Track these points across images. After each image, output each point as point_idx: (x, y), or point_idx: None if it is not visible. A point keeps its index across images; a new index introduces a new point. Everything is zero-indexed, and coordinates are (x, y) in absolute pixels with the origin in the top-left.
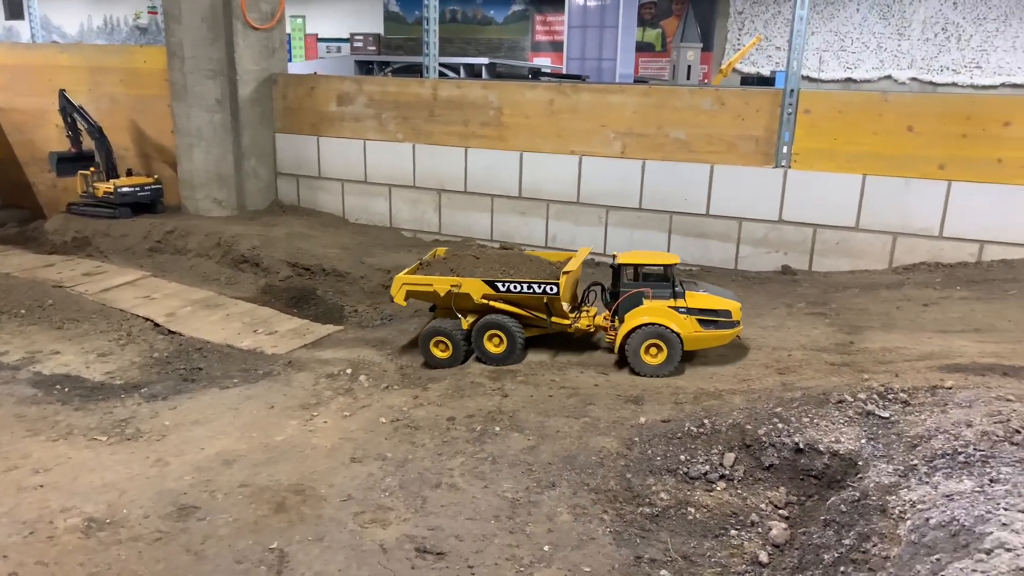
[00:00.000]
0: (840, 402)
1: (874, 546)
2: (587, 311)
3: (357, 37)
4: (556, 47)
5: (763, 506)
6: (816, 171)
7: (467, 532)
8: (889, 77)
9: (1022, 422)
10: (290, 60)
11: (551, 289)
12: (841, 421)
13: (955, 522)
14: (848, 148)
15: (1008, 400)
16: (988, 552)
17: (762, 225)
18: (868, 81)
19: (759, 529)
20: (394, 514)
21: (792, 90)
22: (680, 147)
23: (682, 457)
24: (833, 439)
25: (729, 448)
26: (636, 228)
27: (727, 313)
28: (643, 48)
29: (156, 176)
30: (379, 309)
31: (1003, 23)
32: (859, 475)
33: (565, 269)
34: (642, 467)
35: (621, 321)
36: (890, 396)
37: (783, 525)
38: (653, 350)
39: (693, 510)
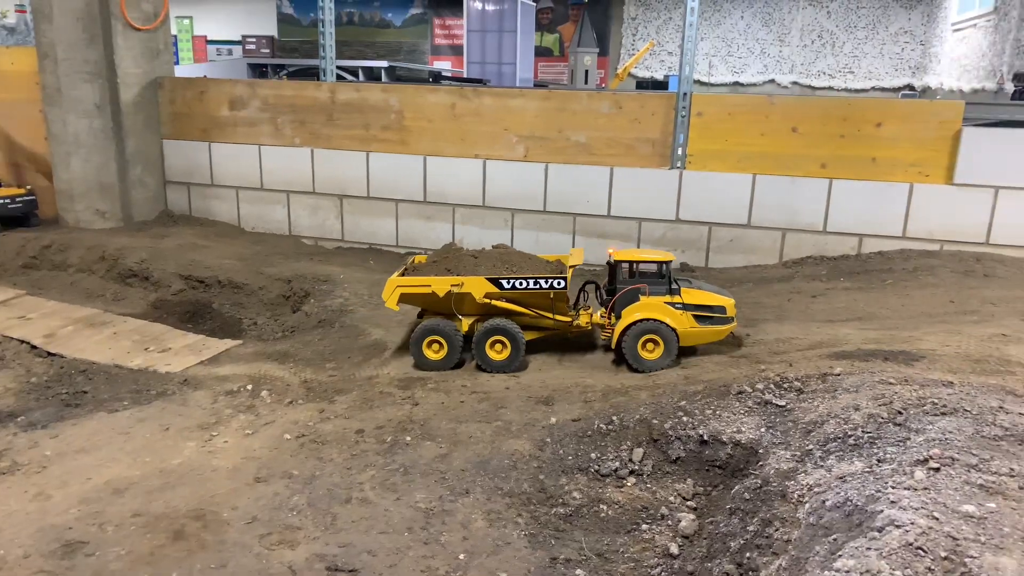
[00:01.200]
0: (740, 393)
1: (776, 530)
2: (586, 309)
3: (249, 39)
4: (456, 51)
5: (672, 499)
6: (709, 171)
7: (380, 547)
8: (773, 81)
9: (903, 404)
10: (177, 63)
11: (558, 284)
12: (741, 411)
13: (849, 503)
14: (738, 149)
15: (890, 383)
16: (880, 530)
17: (660, 225)
18: (754, 85)
19: (669, 522)
20: (303, 533)
21: (685, 94)
22: (581, 150)
23: (593, 455)
24: (735, 429)
25: (637, 443)
26: (541, 230)
27: (722, 309)
28: (541, 53)
29: (29, 187)
30: (280, 321)
31: (871, 31)
32: (760, 463)
33: (570, 263)
34: (554, 468)
35: (618, 318)
36: (785, 385)
37: (691, 516)
38: (650, 345)
39: (605, 507)
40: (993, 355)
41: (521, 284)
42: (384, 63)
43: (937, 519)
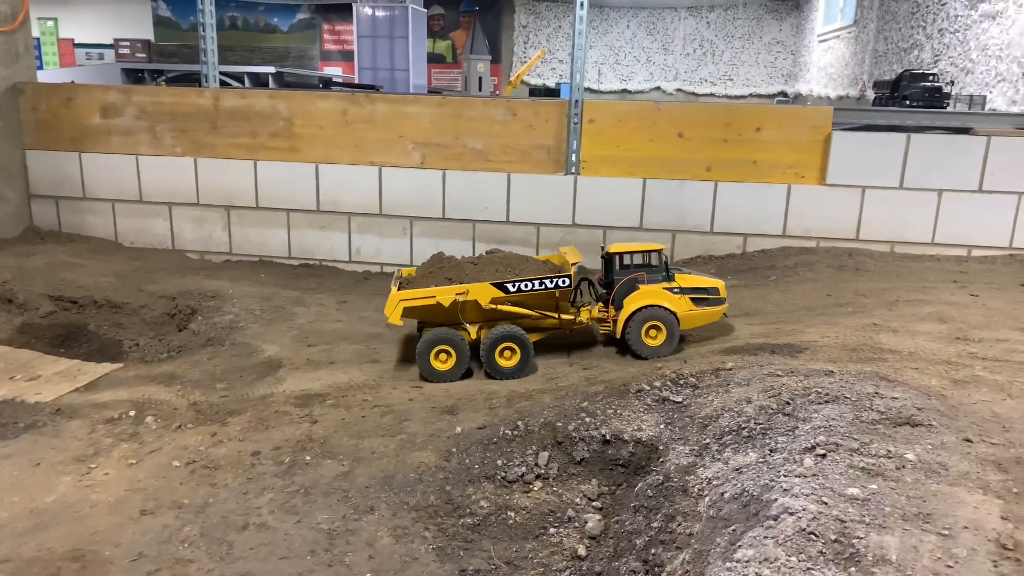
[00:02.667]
0: (639, 391)
1: (679, 525)
2: (584, 305)
3: (123, 43)
4: (347, 57)
5: (578, 500)
6: (603, 177)
7: (281, 573)
8: (659, 88)
9: (791, 394)
10: (40, 67)
11: (564, 282)
12: (641, 409)
13: (745, 493)
14: (629, 154)
15: (777, 375)
16: (775, 518)
17: (558, 229)
18: (641, 92)
19: (576, 524)
20: (196, 566)
21: (577, 101)
22: (478, 156)
23: (499, 462)
24: (635, 427)
25: (543, 447)
26: (441, 237)
27: (715, 291)
28: (434, 59)
29: None
30: (164, 341)
31: (747, 41)
32: (661, 459)
33: (572, 261)
34: (461, 477)
35: (618, 309)
36: (681, 382)
37: (597, 516)
38: (653, 332)
39: (513, 514)
40: (867, 344)
41: (527, 286)
42: (271, 68)
43: (826, 504)
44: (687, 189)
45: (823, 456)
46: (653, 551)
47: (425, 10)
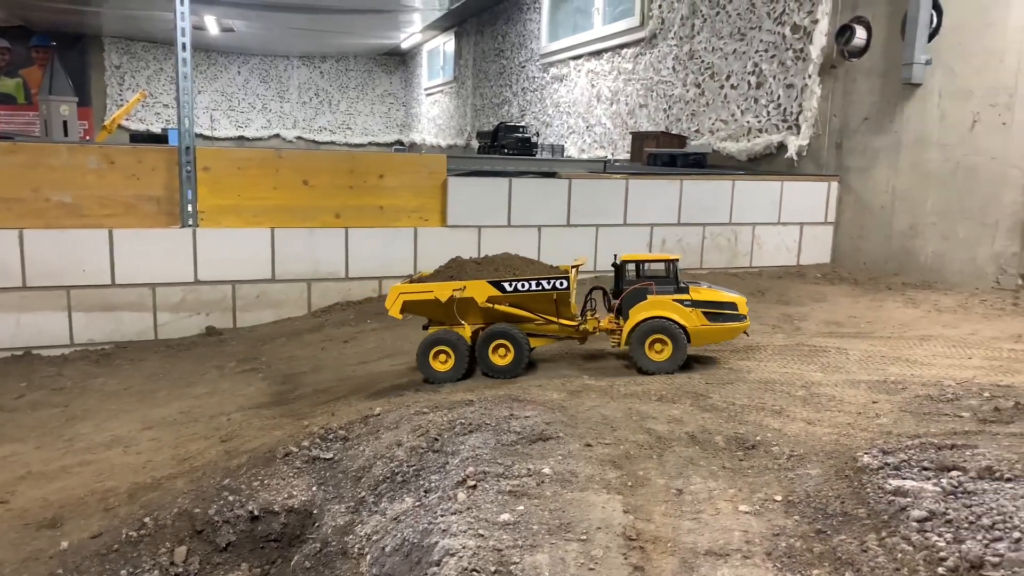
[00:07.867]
0: (287, 455)
1: None
2: (594, 315)
3: None
4: None
5: None
6: (225, 228)
7: None
8: (278, 136)
9: (438, 430)
10: None
11: (561, 284)
12: (291, 475)
13: (407, 543)
14: (253, 203)
15: (424, 413)
16: (438, 563)
17: (178, 288)
18: (260, 139)
19: None
20: None
21: (187, 147)
22: (68, 212)
23: (123, 572)
24: (286, 495)
25: (179, 541)
26: (22, 311)
27: (733, 306)
28: (0, 100)
29: None
30: None
31: (361, 92)
32: (317, 524)
33: (573, 263)
34: None
35: (626, 319)
36: (331, 436)
37: None
38: (658, 346)
39: None
40: None
41: (523, 286)
42: None
43: (483, 536)
44: (318, 237)
45: (474, 487)
46: None
47: None
